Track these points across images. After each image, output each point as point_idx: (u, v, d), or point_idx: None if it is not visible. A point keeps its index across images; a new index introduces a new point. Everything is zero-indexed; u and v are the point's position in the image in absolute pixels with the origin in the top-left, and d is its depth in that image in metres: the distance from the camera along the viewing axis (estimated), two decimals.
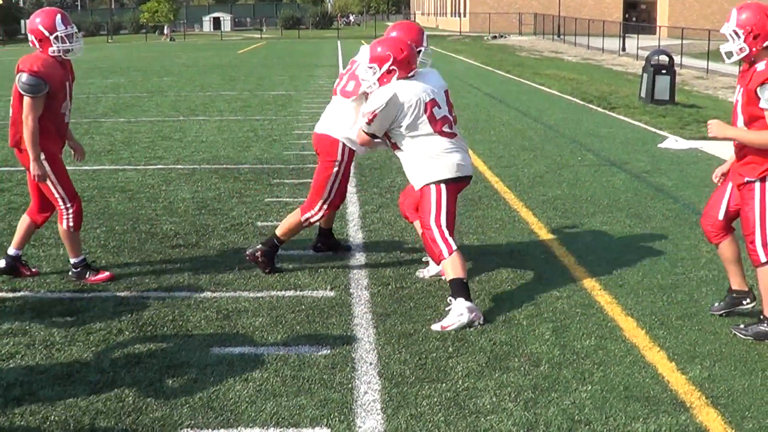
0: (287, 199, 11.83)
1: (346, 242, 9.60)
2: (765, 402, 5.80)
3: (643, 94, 24.24)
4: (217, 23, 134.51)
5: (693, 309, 7.52)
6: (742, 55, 6.72)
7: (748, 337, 6.88)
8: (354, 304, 7.67)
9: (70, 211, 8.19)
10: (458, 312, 7.08)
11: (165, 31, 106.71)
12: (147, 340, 6.84)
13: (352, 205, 11.46)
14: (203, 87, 31.01)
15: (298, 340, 6.83)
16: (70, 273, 8.42)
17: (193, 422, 5.49)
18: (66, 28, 8.07)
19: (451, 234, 7.49)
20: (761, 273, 6.81)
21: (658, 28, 60.43)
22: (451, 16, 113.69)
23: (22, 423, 5.49)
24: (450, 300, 7.21)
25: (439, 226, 7.46)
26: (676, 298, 7.78)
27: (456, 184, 7.68)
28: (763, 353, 6.62)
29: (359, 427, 5.42)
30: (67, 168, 8.37)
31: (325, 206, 8.51)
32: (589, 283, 8.20)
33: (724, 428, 5.43)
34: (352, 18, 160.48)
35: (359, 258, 9.10)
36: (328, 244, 9.31)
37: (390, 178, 13.27)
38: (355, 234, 10.04)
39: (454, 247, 7.39)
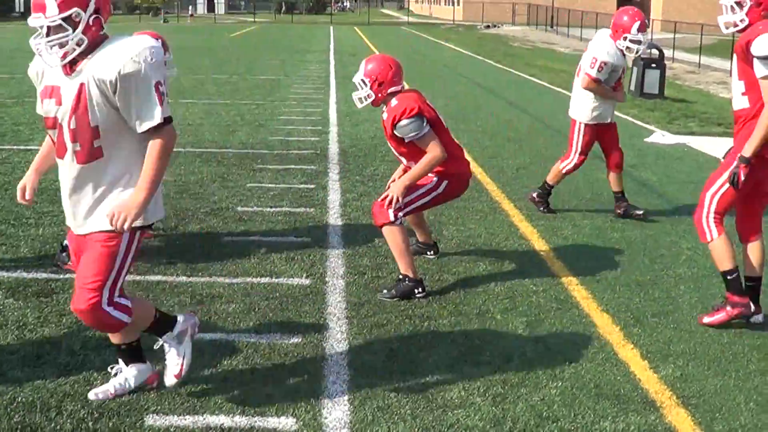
0: (269, 185, 11.77)
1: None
2: (736, 403, 5.78)
3: (632, 88, 24.19)
4: (211, 6, 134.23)
5: (670, 306, 7.50)
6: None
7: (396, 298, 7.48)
8: (329, 293, 7.63)
9: None
10: None
11: (190, 12, 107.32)
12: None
13: (334, 193, 11.41)
14: (193, 70, 30.87)
15: (270, 327, 6.79)
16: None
17: (158, 408, 5.44)
18: None
19: None
20: None
21: (651, 22, 60.24)
22: (445, 4, 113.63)
23: None
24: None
25: None
26: (653, 295, 7.76)
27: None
28: (738, 353, 6.59)
29: (325, 417, 5.38)
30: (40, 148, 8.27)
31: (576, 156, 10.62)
32: (567, 278, 8.17)
33: (693, 428, 5.41)
34: (347, 4, 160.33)
35: (337, 246, 9.06)
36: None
37: (373, 167, 13.22)
38: (334, 222, 9.99)
39: None
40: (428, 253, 8.72)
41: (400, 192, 7.49)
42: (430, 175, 7.66)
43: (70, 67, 4.94)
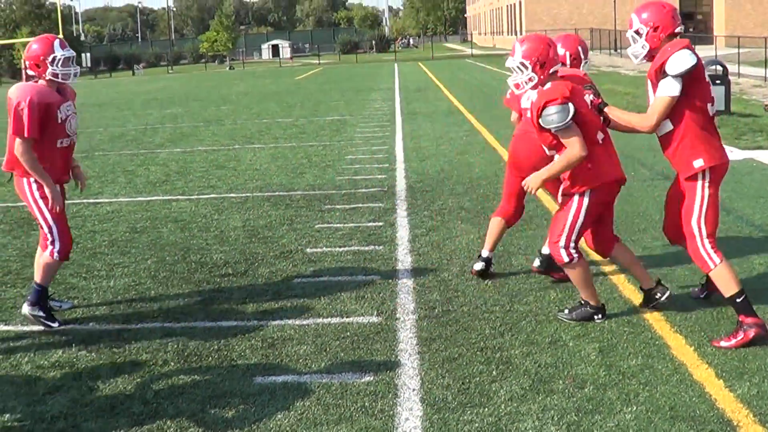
0: (338, 225, 11.84)
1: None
2: None
3: None
4: (275, 50, 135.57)
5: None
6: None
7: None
8: (399, 329, 7.63)
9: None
10: None
11: (290, 55, 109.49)
12: (191, 371, 6.86)
13: (402, 229, 11.43)
14: (260, 114, 31.22)
15: (341, 367, 6.81)
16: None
17: None
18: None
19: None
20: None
21: (714, 38, 59.69)
22: (508, 34, 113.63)
23: None
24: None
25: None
26: (727, 313, 7.64)
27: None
28: None
29: None
30: (126, 200, 8.39)
31: None
32: (638, 301, 8.09)
33: None
34: (411, 40, 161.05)
35: (407, 282, 9.07)
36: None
37: (441, 201, 13.22)
38: (403, 258, 10.01)
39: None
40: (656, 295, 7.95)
41: (534, 185, 7.43)
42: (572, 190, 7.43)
43: None
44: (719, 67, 23.71)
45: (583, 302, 7.63)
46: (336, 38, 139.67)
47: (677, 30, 7.20)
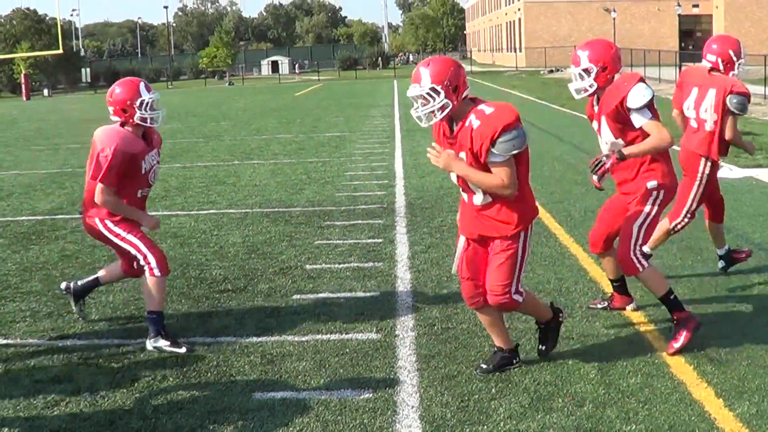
0: (337, 241, 11.84)
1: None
2: None
3: None
4: (275, 66, 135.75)
5: (743, 343, 7.39)
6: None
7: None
8: (399, 346, 7.63)
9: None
10: None
11: (297, 71, 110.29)
12: (190, 386, 6.86)
13: (401, 246, 11.43)
14: (259, 130, 31.27)
15: (340, 383, 6.81)
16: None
17: None
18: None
19: None
20: None
21: None
22: (507, 51, 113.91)
23: None
24: None
25: None
26: (726, 332, 7.65)
27: None
28: None
29: None
30: None
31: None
32: (638, 318, 8.10)
33: None
34: (411, 57, 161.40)
35: (406, 299, 9.07)
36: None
37: (441, 218, 13.23)
38: (403, 275, 10.01)
39: None
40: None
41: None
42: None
43: None
44: None
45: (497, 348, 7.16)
46: (335, 54, 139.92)
47: (620, 71, 7.48)
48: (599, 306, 8.49)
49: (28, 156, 26.11)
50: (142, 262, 7.89)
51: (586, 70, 7.39)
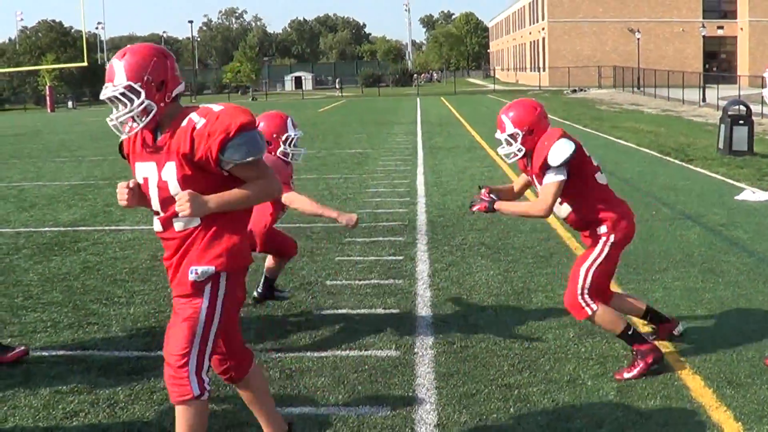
0: (357, 258, 11.86)
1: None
2: None
3: (720, 146, 24.00)
4: (298, 82, 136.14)
5: (763, 366, 7.35)
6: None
7: None
8: (417, 364, 7.63)
9: None
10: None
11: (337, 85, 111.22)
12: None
13: (422, 263, 11.43)
14: None
15: (358, 400, 6.81)
16: None
17: None
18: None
19: None
20: None
21: (738, 78, 59.74)
22: (531, 70, 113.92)
23: None
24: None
25: None
26: (746, 355, 7.61)
27: None
28: None
29: None
30: (147, 227, 8.39)
31: None
32: (658, 341, 8.07)
33: None
34: (434, 75, 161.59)
35: (426, 317, 9.07)
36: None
37: (462, 236, 13.22)
38: (423, 292, 10.01)
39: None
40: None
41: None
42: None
43: None
44: (743, 108, 23.74)
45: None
46: (359, 71, 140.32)
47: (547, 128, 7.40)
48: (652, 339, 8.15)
49: (51, 167, 26.26)
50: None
51: (512, 136, 7.36)
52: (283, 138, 8.03)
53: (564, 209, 7.47)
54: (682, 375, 7.21)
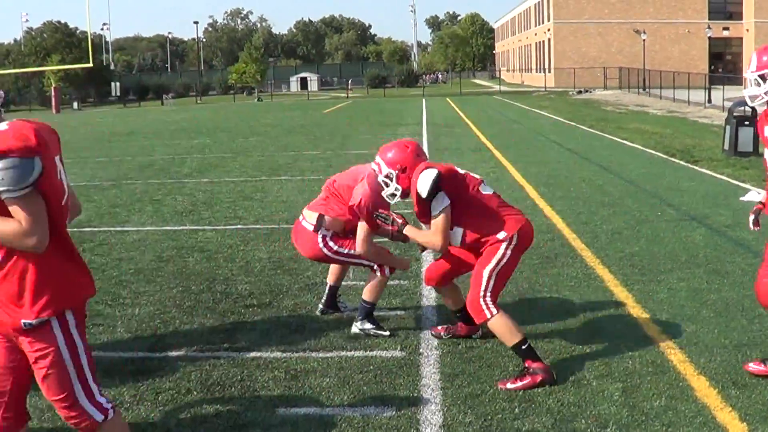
0: None
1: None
2: None
3: (726, 146, 23.98)
4: (304, 83, 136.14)
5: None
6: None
7: None
8: (422, 365, 7.63)
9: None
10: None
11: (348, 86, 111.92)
12: (214, 401, 6.88)
13: (427, 264, 11.41)
14: (287, 147, 31.36)
15: (364, 400, 6.82)
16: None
17: None
18: None
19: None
20: None
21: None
22: (536, 72, 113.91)
23: None
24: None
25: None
26: (752, 357, 7.59)
27: None
28: None
29: None
30: (152, 229, 8.41)
31: None
32: (663, 341, 8.07)
33: None
34: (440, 76, 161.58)
35: (431, 317, 9.08)
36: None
37: None
38: (428, 293, 10.01)
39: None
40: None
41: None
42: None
43: None
44: (748, 109, 23.71)
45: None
46: (364, 72, 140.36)
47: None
48: (442, 333, 8.37)
49: None
50: (375, 267, 8.61)
51: (388, 176, 7.49)
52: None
53: (457, 233, 7.45)
54: (687, 375, 7.20)
